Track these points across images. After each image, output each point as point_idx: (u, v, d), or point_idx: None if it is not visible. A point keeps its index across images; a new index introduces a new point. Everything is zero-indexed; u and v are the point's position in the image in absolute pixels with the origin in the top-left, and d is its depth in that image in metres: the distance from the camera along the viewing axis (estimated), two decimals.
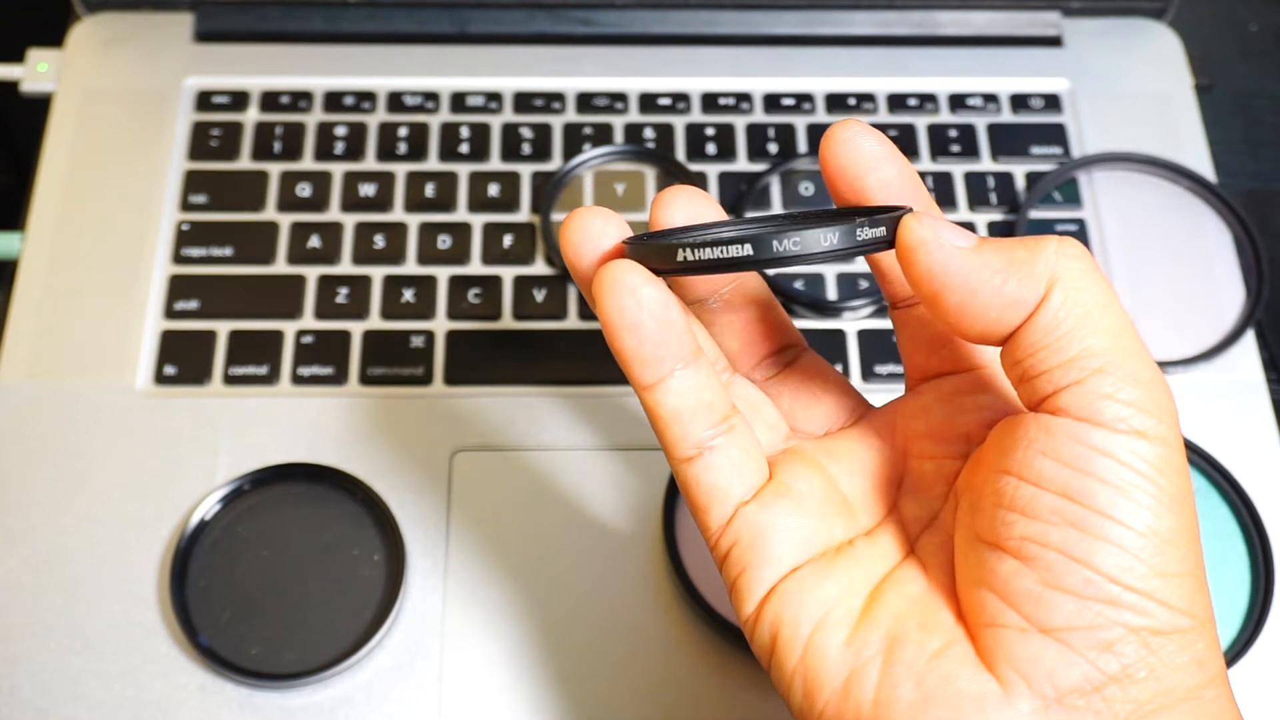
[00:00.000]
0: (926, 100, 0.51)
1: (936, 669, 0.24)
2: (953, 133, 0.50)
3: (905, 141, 0.50)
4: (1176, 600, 0.22)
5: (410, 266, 0.46)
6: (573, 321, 0.45)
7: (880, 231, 0.24)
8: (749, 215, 0.31)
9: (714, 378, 0.26)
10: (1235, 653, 0.39)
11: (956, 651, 0.24)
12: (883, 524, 0.27)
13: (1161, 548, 0.22)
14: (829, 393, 0.29)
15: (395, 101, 0.50)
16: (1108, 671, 0.22)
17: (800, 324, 0.46)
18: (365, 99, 0.50)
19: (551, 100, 0.51)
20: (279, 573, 0.40)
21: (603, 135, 0.50)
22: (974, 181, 0.49)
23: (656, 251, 0.24)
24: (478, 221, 0.47)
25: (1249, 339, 0.46)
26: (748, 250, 0.23)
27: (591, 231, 0.26)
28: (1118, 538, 0.22)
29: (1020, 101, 0.51)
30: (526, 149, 0.49)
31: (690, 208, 0.27)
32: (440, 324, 0.45)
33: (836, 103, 0.51)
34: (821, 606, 0.25)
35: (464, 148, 0.49)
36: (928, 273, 0.23)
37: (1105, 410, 0.22)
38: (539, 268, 0.47)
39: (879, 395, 0.34)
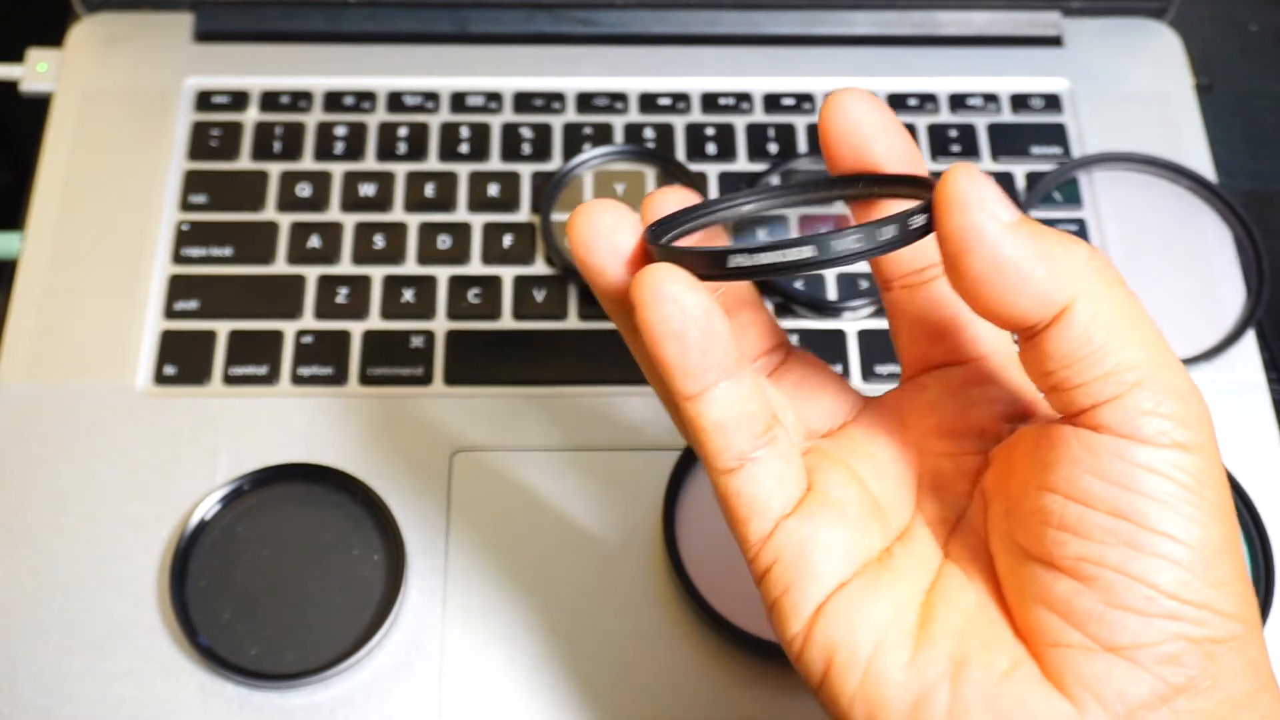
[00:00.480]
0: (927, 100, 0.51)
1: (1008, 691, 0.23)
2: (953, 132, 0.50)
3: None
4: (1230, 608, 0.23)
5: (410, 266, 0.46)
6: (573, 321, 0.45)
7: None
8: (718, 196, 0.31)
9: (758, 387, 0.25)
10: None
11: (1024, 671, 0.24)
12: (911, 527, 0.27)
13: (1212, 559, 0.23)
14: (825, 389, 0.29)
15: (395, 101, 0.50)
16: (1174, 684, 0.23)
17: (800, 324, 0.46)
18: (365, 99, 0.50)
19: (551, 100, 0.50)
20: (279, 573, 0.40)
21: (603, 135, 0.50)
22: None
23: (703, 258, 0.23)
24: (478, 221, 0.47)
25: (1249, 339, 0.46)
26: (810, 252, 0.22)
27: (603, 227, 0.25)
28: (1172, 553, 0.22)
29: (1020, 101, 0.51)
30: (526, 149, 0.49)
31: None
32: (440, 324, 0.45)
33: None
34: (877, 626, 0.25)
35: (464, 148, 0.49)
36: (960, 230, 0.22)
37: (1147, 426, 0.22)
38: (539, 268, 0.47)
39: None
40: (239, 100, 0.50)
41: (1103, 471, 0.23)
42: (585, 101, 0.50)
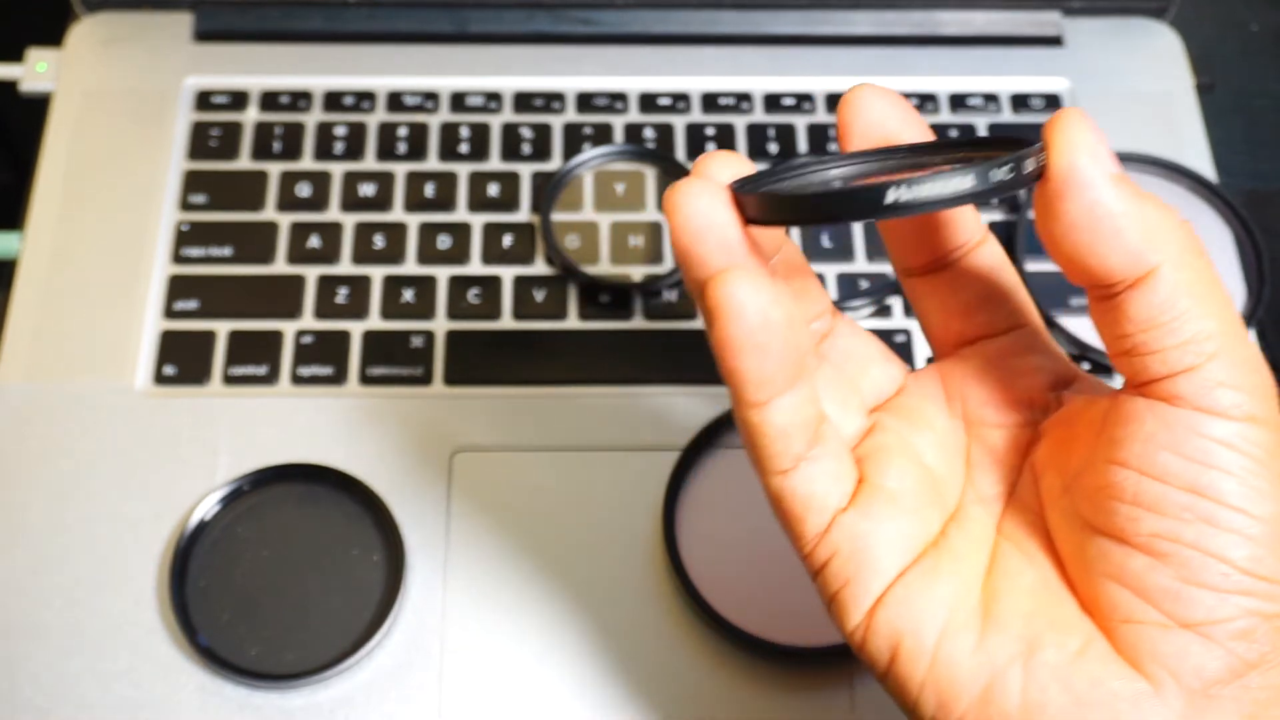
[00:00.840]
0: (927, 100, 0.51)
1: (1083, 670, 0.23)
2: (954, 132, 0.50)
3: None
4: None
5: (410, 266, 0.46)
6: (573, 321, 0.45)
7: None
8: (802, 157, 0.29)
9: (815, 389, 0.25)
10: None
11: (1097, 650, 0.24)
12: (964, 504, 0.27)
13: None
14: (873, 358, 0.28)
15: (395, 101, 0.50)
16: (1247, 659, 0.23)
17: None
18: (365, 99, 0.50)
19: (551, 100, 0.50)
20: (279, 573, 0.40)
21: (603, 135, 0.50)
22: None
23: (851, 196, 0.22)
24: (477, 221, 0.47)
25: (1250, 339, 0.45)
26: (971, 182, 0.21)
27: (708, 217, 0.23)
28: (1246, 529, 0.22)
29: (1021, 101, 0.51)
30: (526, 149, 0.49)
31: (738, 166, 0.25)
32: (440, 324, 0.45)
33: (837, 102, 0.51)
34: (941, 612, 0.24)
35: (464, 147, 0.49)
36: (1067, 171, 0.22)
37: (1223, 399, 0.22)
38: (539, 268, 0.46)
39: None
40: (239, 100, 0.50)
41: (1179, 447, 0.23)
42: (585, 101, 0.50)
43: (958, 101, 0.51)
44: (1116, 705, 0.23)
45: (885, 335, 0.45)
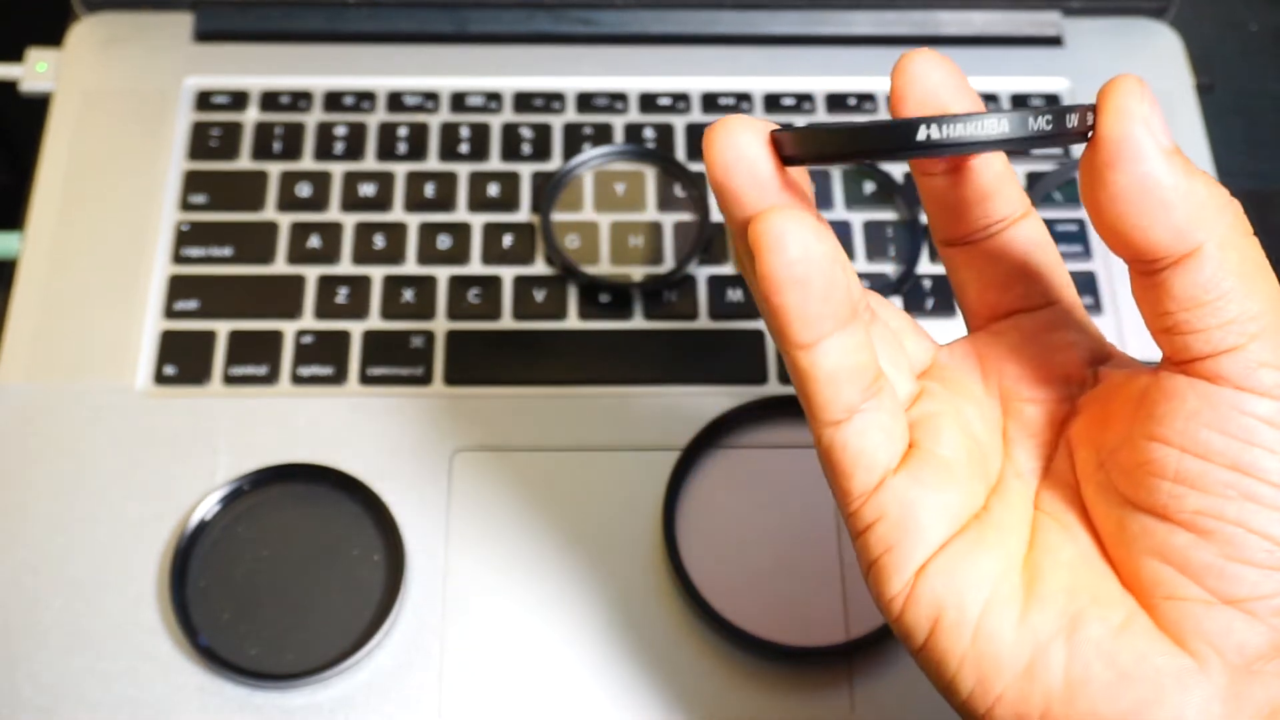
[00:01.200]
0: None
1: (1127, 646, 0.23)
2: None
3: None
4: None
5: (410, 266, 0.46)
6: (573, 321, 0.45)
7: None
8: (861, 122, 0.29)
9: (868, 336, 0.24)
10: None
11: (1139, 626, 0.24)
12: (1004, 478, 0.26)
13: None
14: (906, 333, 0.28)
15: (395, 101, 0.50)
16: None
17: None
18: (365, 99, 0.50)
19: (551, 100, 0.51)
20: (279, 573, 0.40)
21: (603, 135, 0.50)
22: None
23: (886, 131, 0.22)
24: (478, 221, 0.47)
25: None
26: (1005, 126, 0.21)
27: (740, 150, 0.23)
28: None
29: (1021, 101, 0.51)
30: (526, 149, 0.49)
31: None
32: (440, 324, 0.45)
33: (837, 102, 0.51)
34: (984, 585, 0.24)
35: (464, 148, 0.49)
36: (1119, 140, 0.22)
37: (1266, 379, 0.22)
38: (539, 268, 0.47)
39: None
40: (239, 100, 0.50)
41: (1221, 425, 0.22)
42: (585, 101, 0.51)
43: None
44: (1160, 681, 0.23)
45: None
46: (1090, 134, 0.22)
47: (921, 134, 0.21)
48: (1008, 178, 0.27)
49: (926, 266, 0.47)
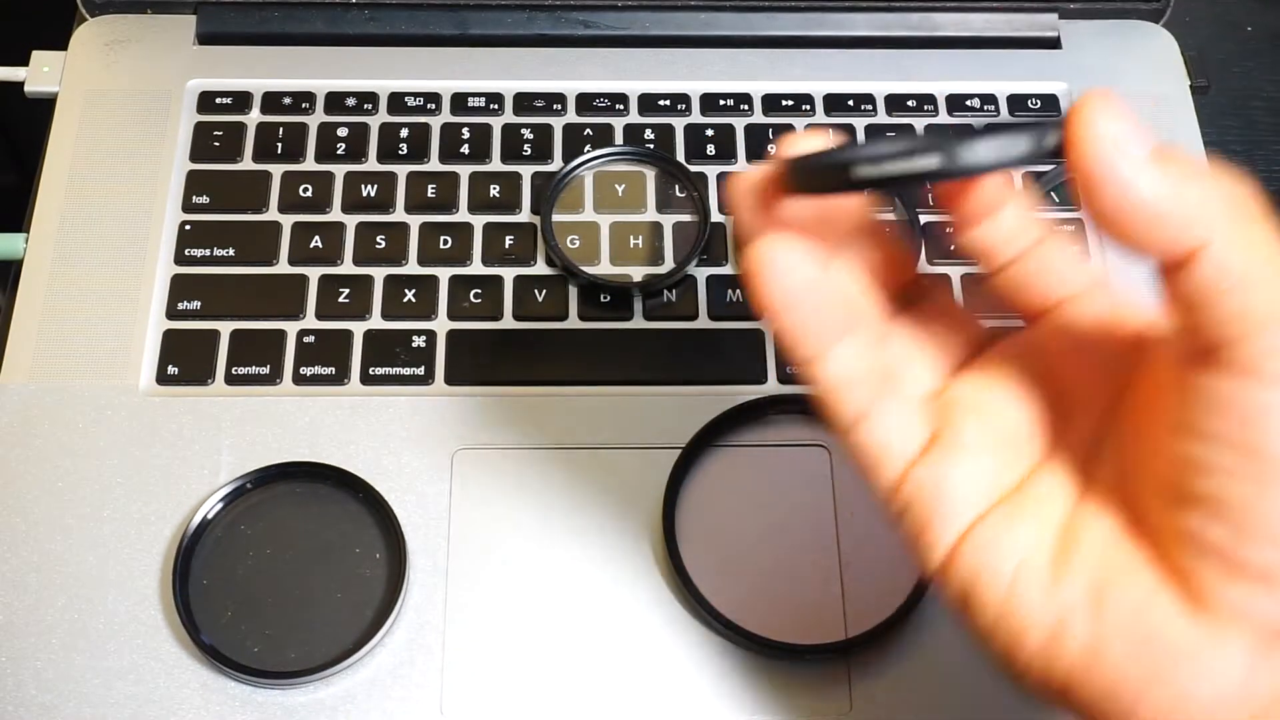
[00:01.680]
0: (925, 101, 0.51)
1: (1147, 617, 0.24)
2: (951, 133, 0.50)
3: None
4: None
5: (411, 267, 0.47)
6: (573, 321, 0.46)
7: None
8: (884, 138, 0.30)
9: (873, 339, 0.26)
10: None
11: (1163, 598, 0.24)
12: (1052, 453, 0.27)
13: None
14: (954, 319, 0.29)
15: (396, 103, 0.50)
16: None
17: None
18: (367, 100, 0.50)
19: (552, 102, 0.51)
20: (281, 571, 0.40)
21: (603, 136, 0.50)
22: None
23: (824, 171, 0.22)
24: (478, 222, 0.48)
25: None
26: (934, 161, 0.21)
27: (745, 183, 0.26)
28: None
29: (1018, 102, 0.51)
30: (527, 150, 0.49)
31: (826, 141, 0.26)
32: (441, 324, 0.45)
33: (835, 104, 0.51)
34: (1017, 553, 0.25)
35: (465, 149, 0.49)
36: (1090, 168, 0.22)
37: (1273, 366, 0.23)
38: (540, 268, 0.47)
39: None
40: (241, 101, 0.50)
41: (1231, 411, 0.23)
42: (585, 103, 0.51)
43: (955, 103, 0.51)
44: (1177, 652, 0.24)
45: None
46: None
47: (855, 172, 0.21)
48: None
49: (926, 266, 0.47)
